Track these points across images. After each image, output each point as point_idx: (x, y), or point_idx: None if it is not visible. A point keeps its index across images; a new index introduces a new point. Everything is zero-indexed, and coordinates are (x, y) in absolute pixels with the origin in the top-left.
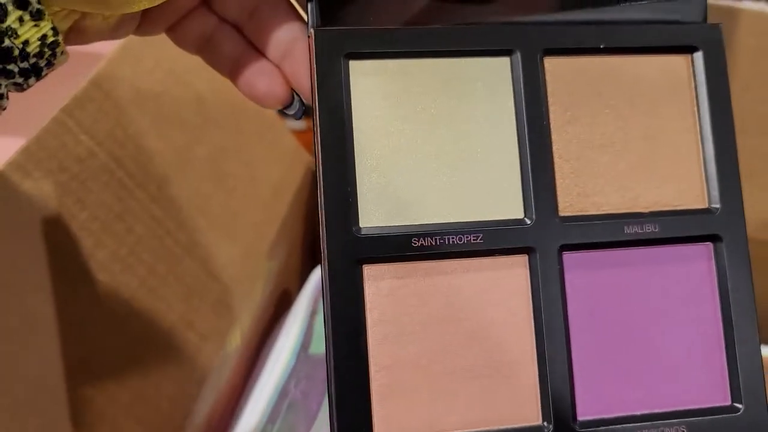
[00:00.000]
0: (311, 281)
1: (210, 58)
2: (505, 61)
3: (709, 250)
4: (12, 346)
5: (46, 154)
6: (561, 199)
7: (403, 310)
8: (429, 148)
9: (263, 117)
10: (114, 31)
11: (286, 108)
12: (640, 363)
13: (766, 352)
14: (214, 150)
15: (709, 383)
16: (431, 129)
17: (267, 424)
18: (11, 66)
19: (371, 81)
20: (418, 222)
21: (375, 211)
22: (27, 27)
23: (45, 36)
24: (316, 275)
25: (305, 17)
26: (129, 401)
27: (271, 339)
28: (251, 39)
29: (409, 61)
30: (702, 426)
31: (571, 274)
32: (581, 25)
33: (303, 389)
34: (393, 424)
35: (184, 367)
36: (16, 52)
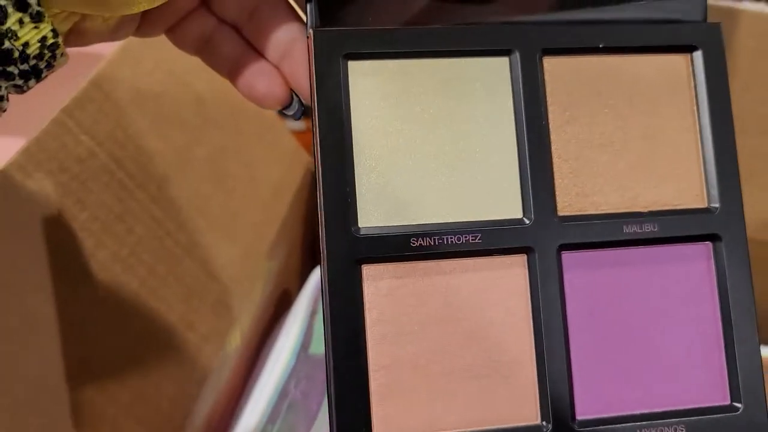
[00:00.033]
0: (311, 281)
1: (209, 59)
2: (504, 61)
3: (708, 249)
4: (12, 346)
5: (47, 155)
6: (560, 199)
7: (401, 309)
8: (428, 148)
9: (263, 118)
10: (114, 32)
11: (285, 108)
12: (639, 362)
13: (765, 352)
14: (213, 150)
15: (709, 383)
16: (430, 129)
17: (267, 424)
18: (11, 68)
19: (370, 81)
20: (416, 222)
21: (374, 211)
22: (27, 29)
23: (45, 38)
24: (315, 275)
25: (304, 18)
26: (129, 401)
27: (271, 339)
28: (250, 40)
29: (408, 61)
30: (701, 425)
31: (569, 274)
32: (580, 25)
33: (303, 389)
34: (392, 424)
35: (185, 367)
36: (16, 54)
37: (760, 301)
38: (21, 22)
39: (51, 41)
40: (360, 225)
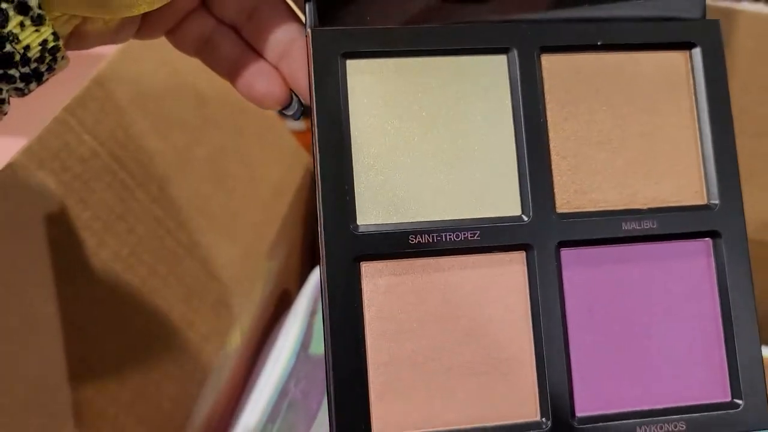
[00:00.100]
0: (311, 281)
1: (209, 60)
2: (502, 59)
3: (708, 246)
4: (13, 345)
5: (49, 153)
6: (558, 196)
7: (400, 307)
8: (426, 146)
9: (263, 118)
10: (114, 35)
11: (284, 108)
12: (639, 359)
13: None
14: (214, 150)
15: (709, 379)
16: (428, 127)
17: (267, 424)
18: (12, 71)
19: (368, 80)
20: (415, 219)
21: (372, 209)
22: (28, 32)
23: (46, 41)
24: (315, 275)
25: (303, 18)
26: (130, 400)
27: (271, 339)
28: (249, 40)
29: (407, 60)
30: (701, 422)
31: (569, 271)
32: (578, 22)
33: (303, 389)
34: (391, 421)
35: (185, 366)
36: (18, 57)
37: (760, 301)
38: (22, 25)
39: (52, 44)
40: (359, 223)
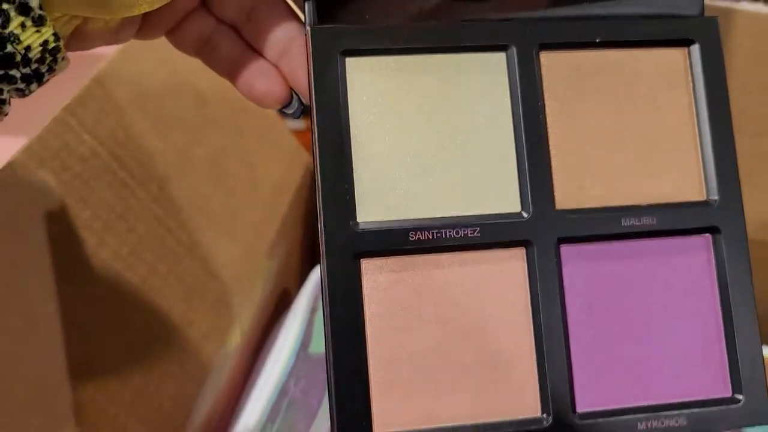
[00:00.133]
0: (311, 280)
1: (209, 60)
2: (501, 56)
3: (707, 241)
4: (13, 344)
5: (49, 153)
6: (558, 193)
7: (401, 303)
8: (425, 143)
9: (263, 117)
10: (115, 35)
11: (285, 107)
12: (639, 355)
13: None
14: (214, 150)
15: (709, 374)
16: (428, 124)
17: (267, 423)
18: (13, 71)
19: (368, 77)
20: (415, 216)
21: (372, 206)
22: (29, 33)
23: (46, 42)
24: (315, 274)
25: (302, 17)
26: (130, 400)
27: (271, 338)
28: (249, 40)
29: (406, 57)
30: (702, 417)
31: (569, 267)
32: (577, 20)
33: (303, 388)
34: (392, 417)
35: (185, 365)
36: (18, 58)
37: (759, 301)
38: (23, 26)
39: (52, 45)
40: (359, 220)
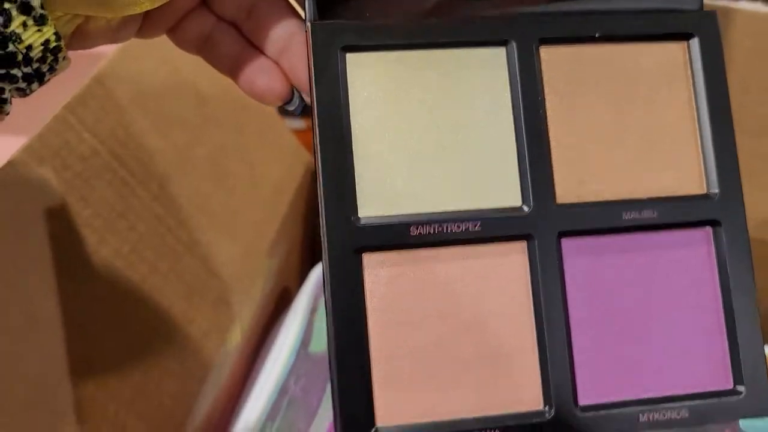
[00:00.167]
0: (311, 279)
1: (210, 57)
2: (501, 51)
3: (708, 234)
4: (14, 343)
5: (50, 151)
6: (559, 187)
7: (402, 297)
8: (426, 138)
9: (264, 116)
10: (116, 34)
11: (286, 104)
12: (640, 347)
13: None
14: (214, 149)
15: (710, 366)
16: (428, 119)
17: (267, 421)
18: (15, 71)
19: (368, 73)
20: (416, 211)
21: (373, 201)
22: (30, 32)
23: (48, 41)
24: (316, 273)
25: (302, 14)
26: (130, 397)
27: (271, 336)
28: (249, 37)
29: (406, 53)
30: (703, 409)
31: (570, 261)
32: (576, 15)
33: (303, 386)
34: (394, 411)
35: (186, 364)
36: (20, 57)
37: (760, 300)
38: (25, 25)
39: (54, 44)
40: (360, 215)
